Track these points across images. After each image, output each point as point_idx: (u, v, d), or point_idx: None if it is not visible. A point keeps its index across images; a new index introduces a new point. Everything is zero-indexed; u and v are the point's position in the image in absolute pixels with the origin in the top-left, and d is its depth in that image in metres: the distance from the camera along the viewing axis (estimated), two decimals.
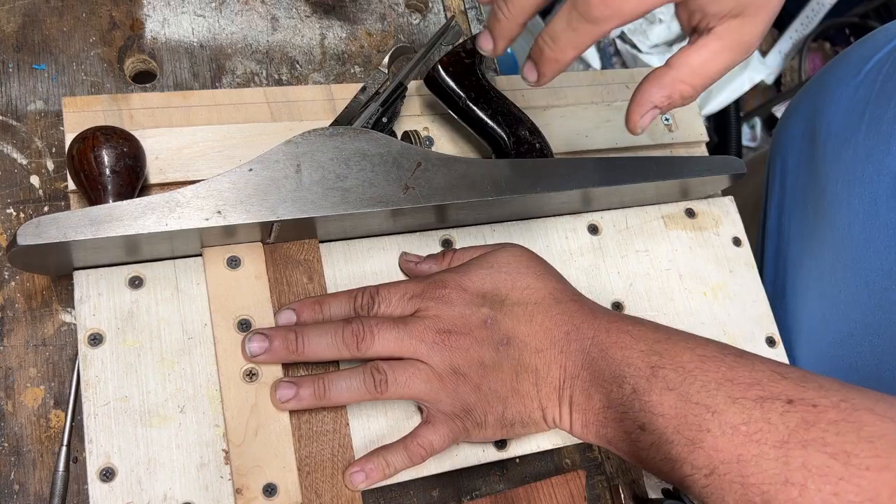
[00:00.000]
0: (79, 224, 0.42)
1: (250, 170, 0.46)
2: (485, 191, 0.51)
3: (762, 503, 0.38)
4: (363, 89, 0.53)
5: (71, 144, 0.46)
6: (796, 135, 0.71)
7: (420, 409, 0.49)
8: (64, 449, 0.45)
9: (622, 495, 0.54)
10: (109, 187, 0.45)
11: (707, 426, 0.40)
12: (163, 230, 0.43)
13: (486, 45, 0.46)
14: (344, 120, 0.52)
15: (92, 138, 0.45)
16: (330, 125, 0.50)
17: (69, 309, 0.49)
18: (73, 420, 0.46)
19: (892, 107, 0.59)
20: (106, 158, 0.45)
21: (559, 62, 0.43)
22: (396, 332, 0.46)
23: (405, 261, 0.53)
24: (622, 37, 1.58)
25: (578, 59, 1.60)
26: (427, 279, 0.49)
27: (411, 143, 0.54)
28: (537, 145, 0.55)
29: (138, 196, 0.46)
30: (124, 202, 0.43)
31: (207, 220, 0.44)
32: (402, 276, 0.54)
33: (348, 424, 0.48)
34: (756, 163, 0.91)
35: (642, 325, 0.46)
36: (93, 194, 0.45)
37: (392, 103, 0.53)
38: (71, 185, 0.48)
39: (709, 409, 0.41)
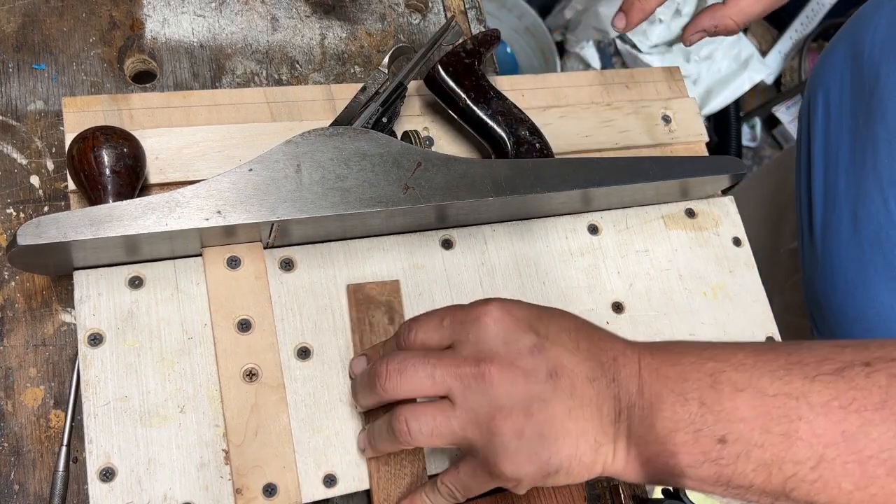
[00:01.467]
0: (79, 224, 0.42)
1: (250, 170, 0.46)
2: (485, 191, 0.51)
3: (887, 472, 0.35)
4: (363, 89, 0.53)
5: (71, 144, 0.46)
6: (837, 63, 0.72)
7: None
8: (64, 449, 0.45)
9: (622, 495, 0.54)
10: (109, 187, 0.45)
11: (798, 414, 0.37)
12: (163, 230, 0.43)
13: (619, 24, 0.59)
14: (344, 120, 0.52)
15: (92, 138, 0.45)
16: (330, 125, 0.50)
17: (69, 309, 0.49)
18: (73, 420, 0.46)
19: None
20: (106, 158, 0.45)
21: (645, 11, 0.57)
22: (425, 370, 0.41)
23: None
24: (622, 37, 1.58)
25: (578, 59, 1.60)
26: (468, 304, 0.43)
27: (411, 143, 0.54)
28: (537, 145, 0.55)
29: (138, 196, 0.46)
30: (124, 202, 0.43)
31: (207, 220, 0.44)
32: (400, 276, 0.54)
33: (426, 469, 0.48)
34: (778, 163, 0.94)
35: (680, 342, 0.43)
36: (93, 194, 0.45)
37: (392, 103, 0.53)
38: (71, 185, 0.48)
39: (790, 396, 0.37)
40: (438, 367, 0.41)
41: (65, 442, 0.46)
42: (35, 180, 0.51)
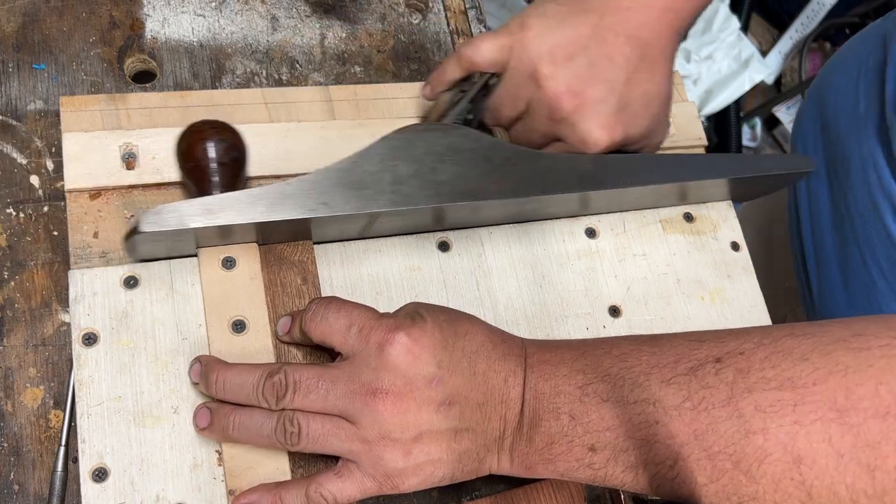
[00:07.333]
0: (195, 213, 0.44)
1: (354, 163, 0.47)
2: (570, 185, 0.52)
3: (734, 465, 0.38)
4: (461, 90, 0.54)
5: (181, 137, 0.48)
6: (809, 119, 0.78)
7: None
8: (63, 449, 0.45)
9: (622, 496, 0.54)
10: (217, 179, 0.47)
11: (654, 418, 0.40)
12: (269, 220, 0.45)
13: (424, 91, 0.55)
14: (433, 117, 0.55)
15: (203, 131, 0.47)
16: (421, 121, 0.54)
17: (69, 309, 0.49)
18: (71, 420, 0.46)
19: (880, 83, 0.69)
20: (215, 151, 0.47)
21: (443, 83, 0.54)
22: (320, 391, 0.42)
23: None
24: None
25: None
26: (379, 319, 0.44)
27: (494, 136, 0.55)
28: None
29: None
30: (235, 192, 0.45)
31: (314, 210, 0.46)
32: (399, 278, 0.54)
33: None
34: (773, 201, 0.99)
35: (556, 349, 0.46)
36: (201, 186, 0.47)
37: (480, 99, 0.54)
38: (90, 183, 0.49)
39: (648, 402, 0.40)
40: (332, 391, 0.42)
41: (63, 442, 0.46)
42: (35, 180, 0.51)
